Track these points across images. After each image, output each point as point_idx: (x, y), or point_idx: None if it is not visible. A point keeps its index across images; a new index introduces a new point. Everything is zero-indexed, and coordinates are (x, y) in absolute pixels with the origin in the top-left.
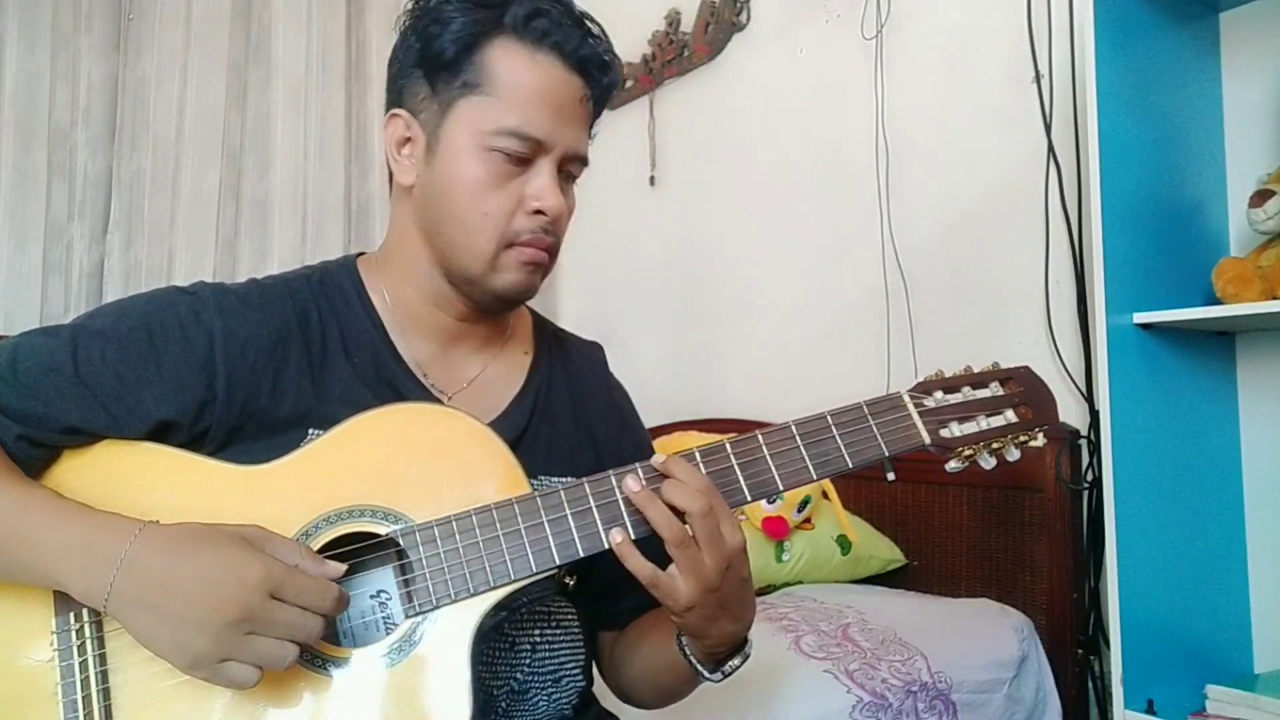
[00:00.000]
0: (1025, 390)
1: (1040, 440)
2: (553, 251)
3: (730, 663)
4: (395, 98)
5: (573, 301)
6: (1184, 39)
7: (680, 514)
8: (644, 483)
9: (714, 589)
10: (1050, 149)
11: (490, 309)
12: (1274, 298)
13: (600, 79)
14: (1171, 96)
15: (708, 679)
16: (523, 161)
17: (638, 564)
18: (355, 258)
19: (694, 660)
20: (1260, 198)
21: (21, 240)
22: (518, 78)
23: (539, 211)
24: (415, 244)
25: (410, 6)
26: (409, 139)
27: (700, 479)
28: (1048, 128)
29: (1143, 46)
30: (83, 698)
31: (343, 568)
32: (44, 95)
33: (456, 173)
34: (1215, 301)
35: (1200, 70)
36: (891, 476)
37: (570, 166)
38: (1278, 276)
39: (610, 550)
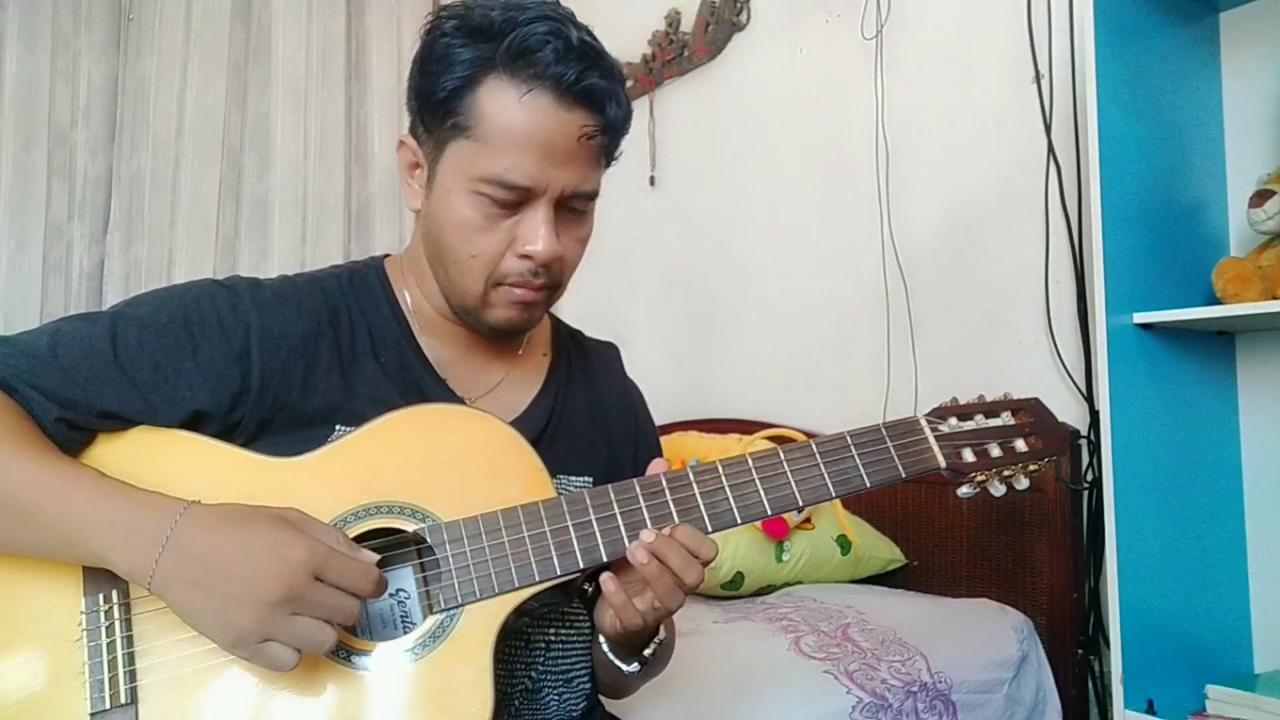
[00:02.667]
0: (1035, 421)
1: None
2: (549, 289)
3: (645, 652)
4: (410, 121)
5: (573, 301)
6: (1184, 39)
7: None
8: (655, 535)
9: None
10: (1050, 149)
11: (490, 337)
12: (1274, 298)
13: (604, 111)
14: (1171, 96)
15: (628, 671)
16: (514, 204)
17: (614, 590)
18: (383, 259)
19: (614, 657)
20: (1260, 198)
21: (21, 240)
22: (504, 121)
23: (527, 255)
24: (426, 264)
25: (423, 29)
26: (418, 164)
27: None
28: (1048, 128)
29: (1143, 46)
30: (109, 679)
31: (375, 557)
32: (44, 95)
33: (447, 212)
34: (1215, 301)
35: (1200, 70)
36: None
37: (574, 203)
38: (1278, 276)
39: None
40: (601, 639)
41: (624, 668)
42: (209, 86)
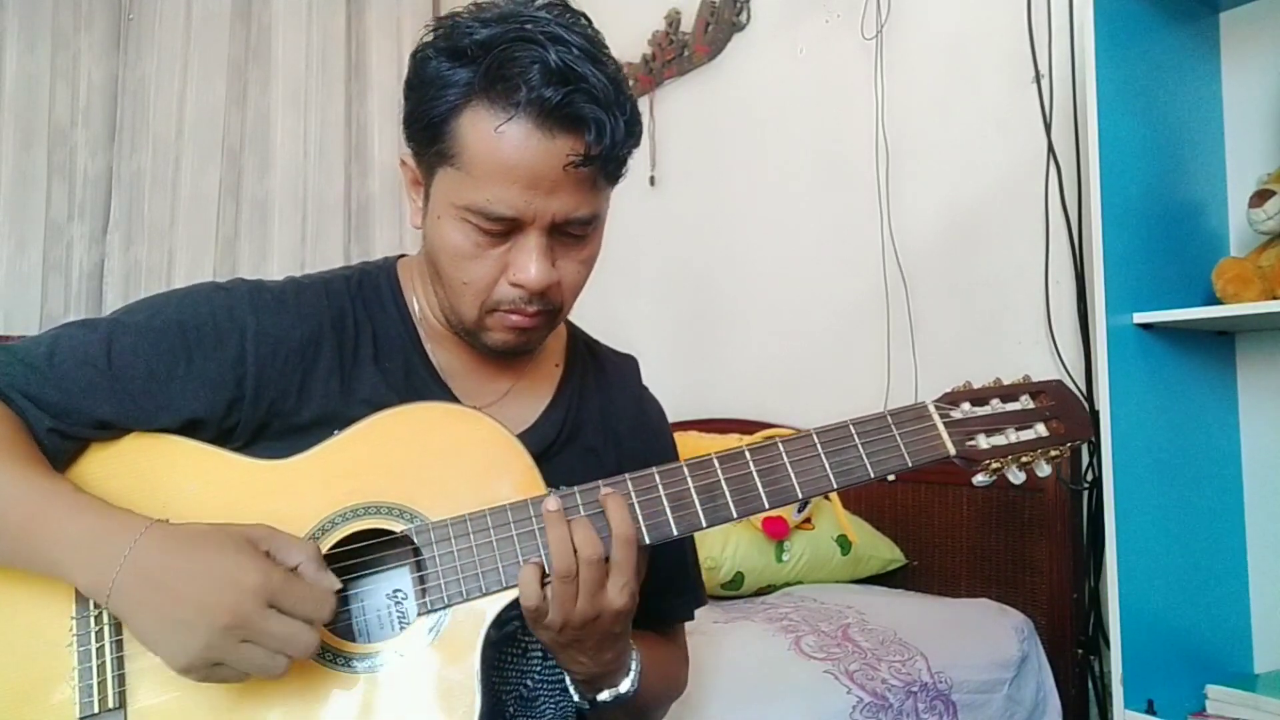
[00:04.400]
0: (1057, 404)
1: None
2: (548, 313)
3: (601, 695)
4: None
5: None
6: (1184, 39)
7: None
8: (561, 506)
9: (573, 626)
10: (1050, 149)
11: (491, 356)
12: (1274, 298)
13: (591, 137)
14: (1171, 96)
15: (576, 700)
16: (503, 233)
17: (527, 582)
18: (396, 260)
19: (570, 682)
20: (1260, 198)
21: (21, 240)
22: (485, 152)
23: (519, 284)
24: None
25: (415, 47)
26: (419, 181)
27: (595, 539)
28: (1048, 128)
29: (1143, 46)
30: (98, 683)
31: (338, 584)
32: (44, 95)
33: (439, 236)
34: (1215, 301)
35: (1200, 70)
36: (892, 477)
37: (570, 228)
38: (1278, 276)
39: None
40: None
41: (580, 698)
42: (209, 86)
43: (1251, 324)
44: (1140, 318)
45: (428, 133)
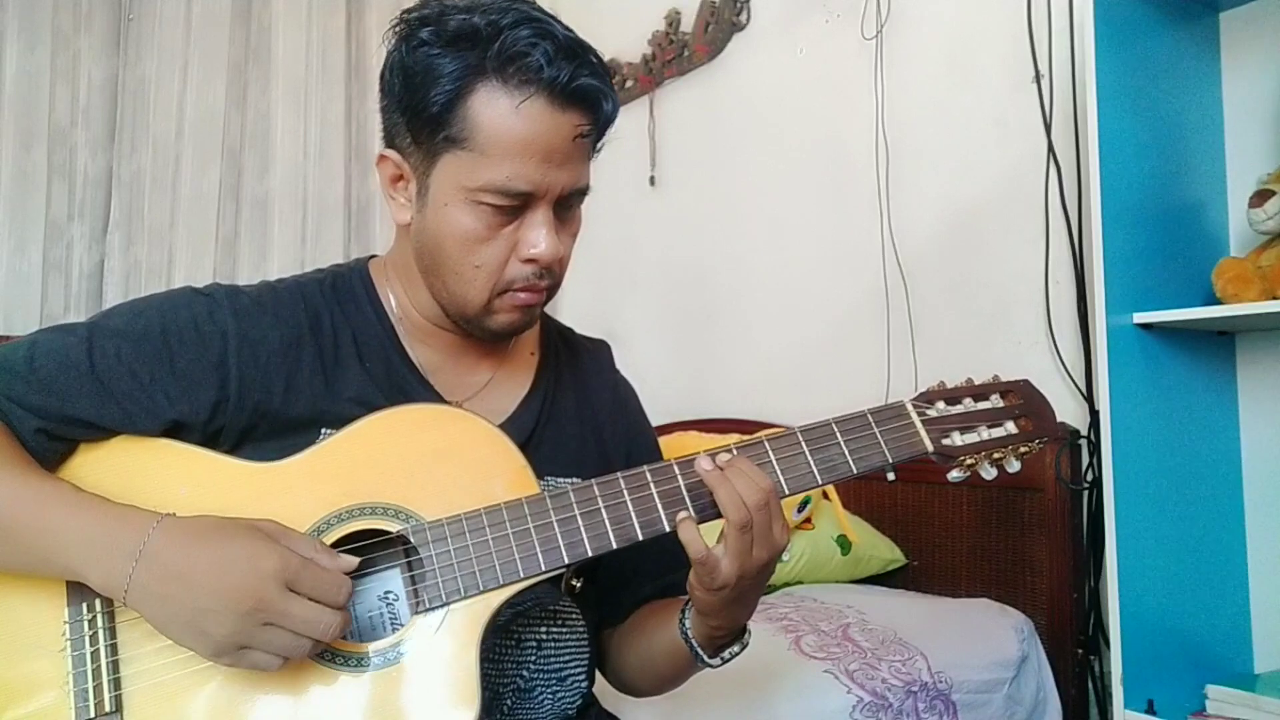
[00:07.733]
0: (1025, 403)
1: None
2: (551, 290)
3: (730, 649)
4: (386, 133)
5: (572, 301)
6: (1184, 39)
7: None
8: (715, 465)
9: (748, 576)
10: (1050, 149)
11: (487, 340)
12: (1274, 298)
13: (597, 111)
14: (1171, 96)
15: (707, 663)
16: (514, 210)
17: (694, 538)
18: (367, 261)
19: (695, 645)
20: (1260, 198)
21: (21, 240)
22: (501, 129)
23: (532, 259)
24: (416, 273)
25: (394, 29)
26: (401, 177)
27: (764, 476)
28: (1048, 128)
29: (1143, 46)
30: (93, 687)
31: (355, 561)
32: (44, 95)
33: (446, 224)
34: (1215, 301)
35: (1200, 70)
36: (891, 476)
37: (571, 200)
38: (1278, 276)
39: (638, 540)
40: (689, 627)
41: (708, 660)
42: (209, 86)
43: (1251, 324)
44: (1140, 318)
45: (433, 120)
